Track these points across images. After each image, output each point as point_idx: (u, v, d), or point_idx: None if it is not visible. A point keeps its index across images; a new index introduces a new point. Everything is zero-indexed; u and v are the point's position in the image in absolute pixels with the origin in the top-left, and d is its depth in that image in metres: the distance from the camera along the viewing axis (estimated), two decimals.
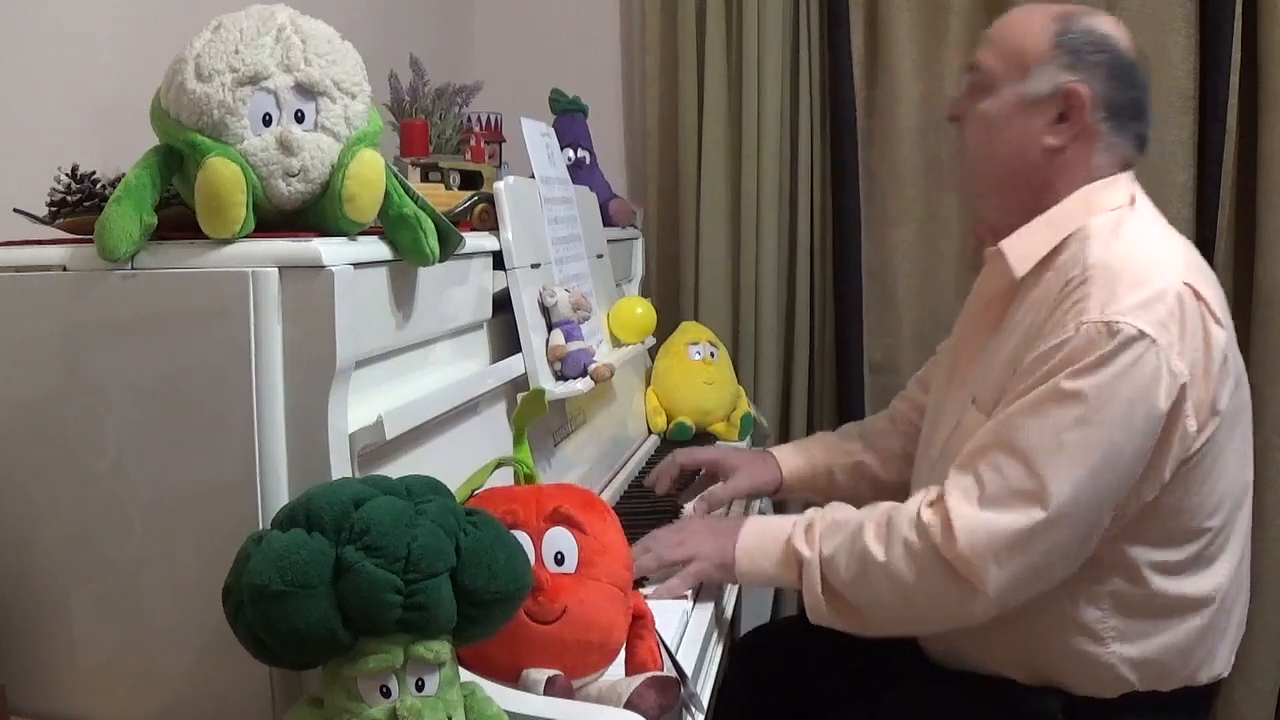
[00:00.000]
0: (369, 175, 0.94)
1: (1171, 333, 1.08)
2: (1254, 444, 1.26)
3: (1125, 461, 1.09)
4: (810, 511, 1.25)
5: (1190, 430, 1.11)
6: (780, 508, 2.08)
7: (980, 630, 1.18)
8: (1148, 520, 1.15)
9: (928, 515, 1.14)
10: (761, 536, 1.24)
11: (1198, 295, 1.12)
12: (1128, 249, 1.14)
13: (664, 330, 2.01)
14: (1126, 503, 1.13)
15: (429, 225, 0.99)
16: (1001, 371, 1.19)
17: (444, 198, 1.41)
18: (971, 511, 1.11)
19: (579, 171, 1.93)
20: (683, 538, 1.24)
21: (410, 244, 0.99)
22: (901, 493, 1.26)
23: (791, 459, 1.55)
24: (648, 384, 2.01)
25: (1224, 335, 1.14)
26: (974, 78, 1.25)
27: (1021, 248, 1.20)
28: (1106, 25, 1.22)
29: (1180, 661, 1.20)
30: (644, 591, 1.19)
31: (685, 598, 1.20)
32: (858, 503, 1.26)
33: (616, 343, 1.74)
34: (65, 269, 0.94)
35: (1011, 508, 1.09)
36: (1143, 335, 1.07)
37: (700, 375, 1.97)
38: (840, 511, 1.24)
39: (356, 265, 0.92)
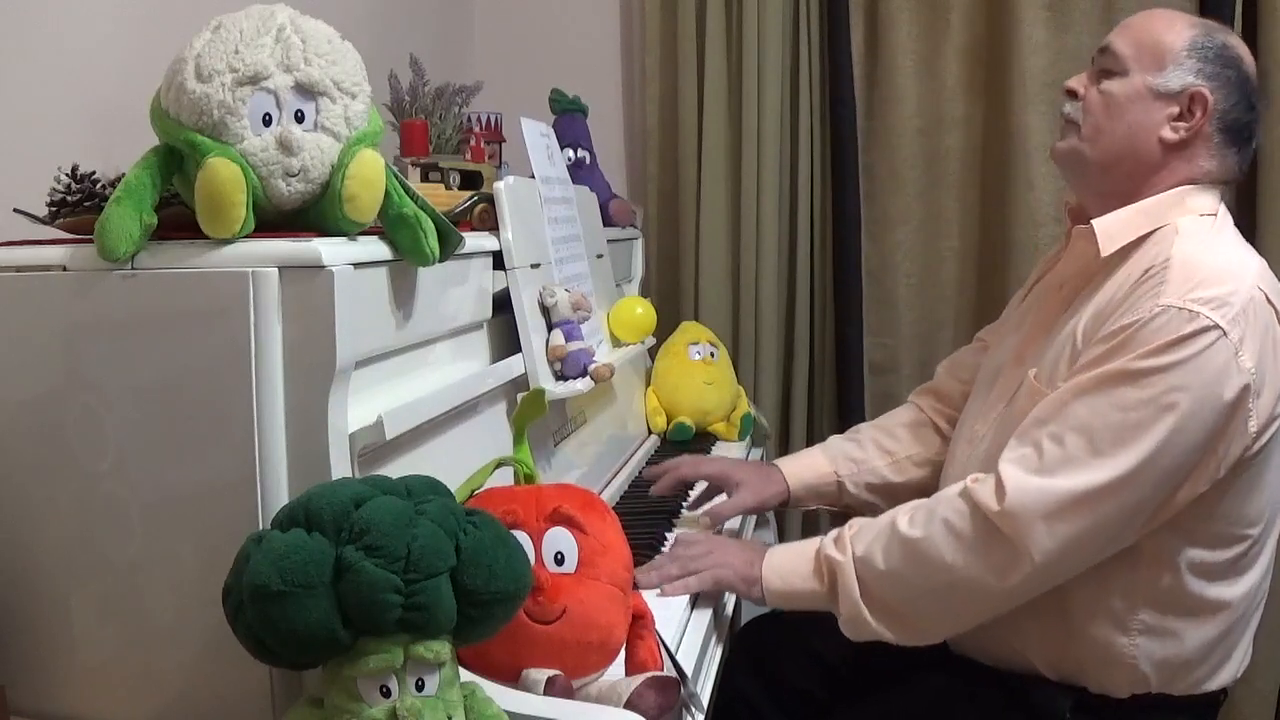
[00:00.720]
0: (369, 175, 0.94)
1: (1242, 329, 1.10)
2: None
3: (1185, 447, 1.10)
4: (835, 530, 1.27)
5: (1251, 431, 1.13)
6: (781, 520, 2.07)
7: (1011, 613, 1.19)
8: (1196, 519, 1.16)
9: (974, 486, 1.16)
10: (790, 553, 1.27)
11: (1269, 301, 1.14)
12: (1210, 250, 1.18)
13: (664, 330, 2.01)
14: (1178, 494, 1.14)
15: (429, 225, 0.99)
16: (1066, 347, 1.21)
17: (444, 198, 1.41)
18: (1025, 477, 1.13)
19: (579, 171, 1.93)
20: (710, 547, 1.27)
21: (410, 244, 0.99)
22: (918, 497, 1.25)
23: (798, 471, 1.54)
24: (648, 384, 2.01)
25: None
26: (1105, 60, 1.28)
27: (1113, 228, 1.23)
28: (1240, 48, 1.26)
29: (1197, 664, 1.21)
30: (651, 585, 1.21)
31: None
32: (870, 511, 1.26)
33: (616, 343, 1.74)
34: (65, 269, 0.94)
35: (1067, 475, 1.11)
36: (1216, 326, 1.09)
37: (700, 375, 1.97)
38: (867, 519, 1.25)
39: (356, 265, 0.92)
